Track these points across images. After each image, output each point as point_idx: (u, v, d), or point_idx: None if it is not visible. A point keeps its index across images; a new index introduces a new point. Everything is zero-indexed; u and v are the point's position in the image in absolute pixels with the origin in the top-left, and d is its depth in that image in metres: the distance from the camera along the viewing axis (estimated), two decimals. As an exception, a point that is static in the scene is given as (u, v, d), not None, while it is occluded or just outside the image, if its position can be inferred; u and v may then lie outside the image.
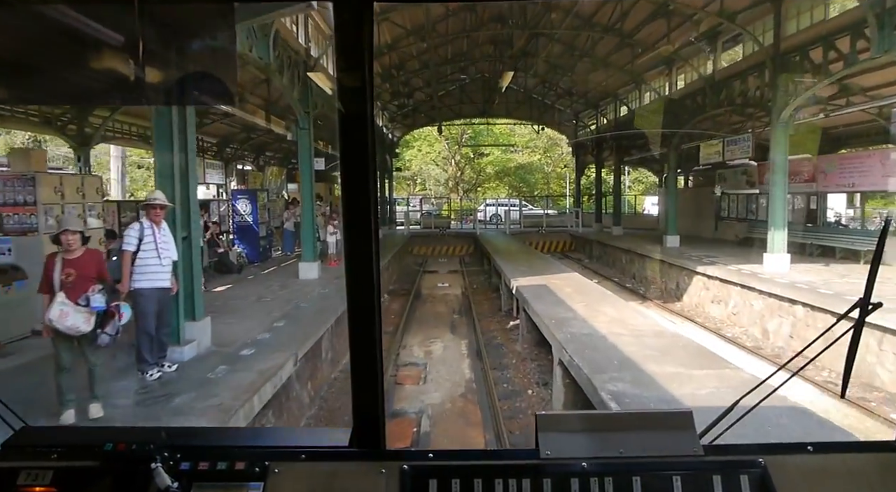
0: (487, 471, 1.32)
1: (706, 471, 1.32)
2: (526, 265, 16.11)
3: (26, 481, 1.29)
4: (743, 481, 1.31)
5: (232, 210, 16.90)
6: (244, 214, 16.79)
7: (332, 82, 13.85)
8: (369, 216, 1.25)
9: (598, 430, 1.42)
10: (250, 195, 16.93)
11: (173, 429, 1.49)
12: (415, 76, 25.11)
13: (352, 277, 1.30)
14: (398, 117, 31.10)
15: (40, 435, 1.46)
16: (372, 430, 1.39)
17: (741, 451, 1.37)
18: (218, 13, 1.18)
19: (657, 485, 1.30)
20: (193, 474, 1.31)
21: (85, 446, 1.37)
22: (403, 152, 43.34)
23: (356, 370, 1.36)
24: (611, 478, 1.30)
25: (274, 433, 2.89)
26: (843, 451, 1.38)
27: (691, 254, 17.69)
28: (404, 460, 1.35)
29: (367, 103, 1.17)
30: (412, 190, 48.85)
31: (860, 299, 1.33)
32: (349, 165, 1.21)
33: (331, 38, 15.31)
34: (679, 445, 1.36)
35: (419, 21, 18.69)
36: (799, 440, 1.38)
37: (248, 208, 16.78)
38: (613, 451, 1.35)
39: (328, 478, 1.33)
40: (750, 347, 11.49)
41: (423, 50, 21.30)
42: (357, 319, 1.33)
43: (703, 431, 1.41)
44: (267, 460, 1.34)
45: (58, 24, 1.14)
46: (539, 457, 1.34)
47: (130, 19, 1.09)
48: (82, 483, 1.30)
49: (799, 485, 1.31)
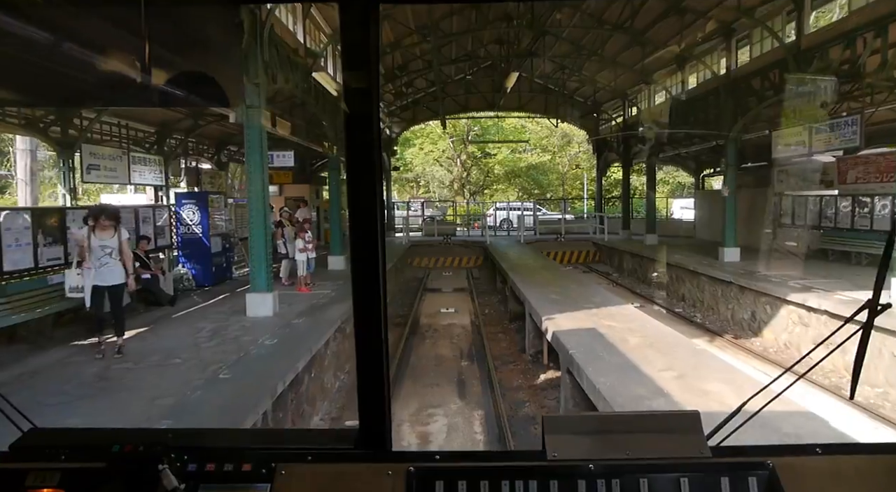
0: (494, 473, 1.31)
1: (714, 473, 1.30)
2: (556, 290, 12.30)
3: (34, 483, 1.28)
4: (751, 484, 1.29)
5: (176, 219, 13.17)
6: (191, 223, 13.08)
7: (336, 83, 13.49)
8: (375, 217, 1.26)
9: (604, 431, 1.40)
10: (199, 200, 13.20)
11: (180, 430, 1.53)
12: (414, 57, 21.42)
13: (358, 278, 1.31)
14: (396, 111, 27.35)
15: (48, 436, 1.47)
16: (378, 431, 1.39)
17: (749, 453, 1.34)
18: (224, 15, 0.88)
19: (665, 487, 1.29)
20: (200, 475, 1.31)
21: (92, 448, 1.37)
22: (403, 151, 39.59)
23: (362, 372, 1.36)
24: (618, 480, 1.28)
25: (280, 435, 2.63)
26: (853, 453, 1.37)
27: (764, 273, 13.83)
28: (410, 462, 1.34)
29: (374, 104, 1.20)
30: (415, 192, 45.06)
31: (869, 300, 1.32)
32: (355, 165, 1.25)
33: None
34: (686, 446, 1.34)
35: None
36: (808, 442, 1.38)
37: (197, 217, 13.07)
38: (620, 452, 1.33)
39: (334, 479, 1.32)
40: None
41: (424, 24, 17.77)
42: (363, 320, 1.33)
43: (710, 432, 1.39)
44: (273, 462, 1.33)
45: (54, 26, 1.19)
46: (546, 458, 1.33)
47: (135, 22, 1.07)
48: (90, 485, 1.29)
49: (808, 487, 1.29)
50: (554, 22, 17.84)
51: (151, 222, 12.25)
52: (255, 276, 9.69)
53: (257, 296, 9.65)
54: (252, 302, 9.64)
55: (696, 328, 13.24)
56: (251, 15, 8.92)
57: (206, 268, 13.17)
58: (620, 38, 19.16)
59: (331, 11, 15.52)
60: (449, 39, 20.04)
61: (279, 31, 12.03)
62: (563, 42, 21.16)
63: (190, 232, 13.11)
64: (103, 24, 1.10)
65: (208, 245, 13.13)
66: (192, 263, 13.10)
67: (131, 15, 1.04)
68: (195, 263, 13.12)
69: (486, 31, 20.18)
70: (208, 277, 13.13)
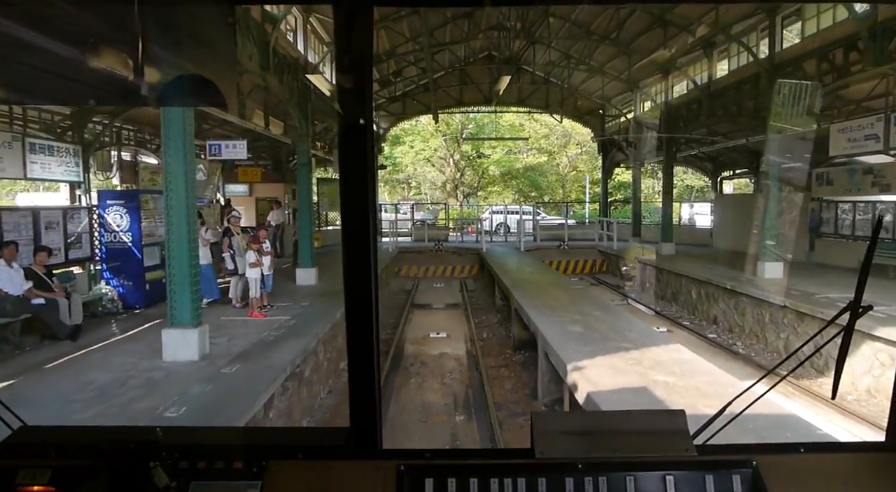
0: (483, 470, 1.32)
1: (699, 471, 1.32)
2: (574, 317, 9.81)
3: (24, 481, 1.28)
4: (735, 481, 1.31)
5: (99, 225, 10.52)
6: (118, 230, 10.44)
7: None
8: (367, 218, 1.28)
9: (592, 430, 1.41)
10: (129, 200, 10.56)
11: (172, 428, 1.50)
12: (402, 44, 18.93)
13: (350, 277, 1.31)
14: (384, 103, 24.79)
15: (38, 434, 1.47)
16: (369, 429, 1.39)
17: (733, 451, 1.37)
18: (217, 15, 1.18)
19: (651, 484, 1.30)
20: (192, 472, 1.30)
21: (83, 446, 1.35)
22: (392, 150, 36.99)
23: (353, 371, 1.37)
24: (605, 478, 1.30)
25: (272, 433, 2.82)
26: (834, 451, 1.42)
27: (825, 295, 11.37)
28: (401, 460, 1.35)
29: (367, 105, 1.21)
30: (406, 194, 42.44)
31: (850, 303, 1.35)
32: (348, 166, 1.25)
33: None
34: (672, 445, 1.36)
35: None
36: (791, 441, 1.44)
37: (126, 221, 10.43)
38: (608, 451, 1.35)
39: (325, 477, 1.32)
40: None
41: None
42: (355, 319, 1.33)
43: (696, 431, 1.41)
44: (265, 459, 1.33)
45: (55, 25, 1.13)
46: (534, 457, 1.34)
47: (130, 20, 1.09)
48: (81, 482, 1.29)
49: (790, 485, 1.31)
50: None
51: (61, 229, 9.60)
52: (175, 304, 7.07)
53: (176, 333, 7.04)
54: (170, 341, 7.03)
55: (741, 362, 10.77)
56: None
57: (138, 285, 10.52)
58: (637, 20, 16.78)
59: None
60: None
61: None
62: (570, 26, 18.82)
63: (117, 240, 10.46)
64: (95, 20, 1.09)
65: (140, 257, 10.49)
66: (119, 280, 10.45)
67: (124, 13, 1.05)
68: (124, 280, 10.47)
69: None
70: (140, 296, 10.49)
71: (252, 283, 9.71)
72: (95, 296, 9.99)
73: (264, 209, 20.50)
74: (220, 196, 17.95)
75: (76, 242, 9.98)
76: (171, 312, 7.08)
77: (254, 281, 9.71)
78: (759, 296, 12.04)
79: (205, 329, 7.30)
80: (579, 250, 23.34)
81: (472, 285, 19.97)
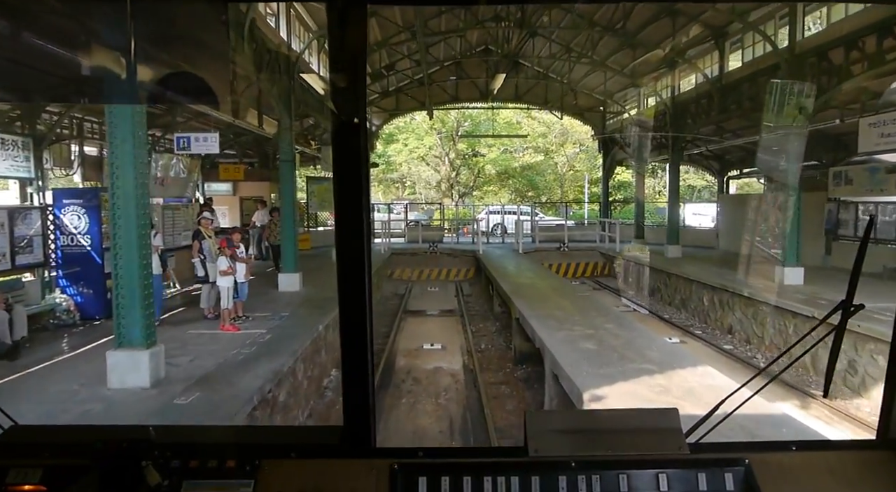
0: (477, 469, 1.30)
1: (692, 469, 1.31)
2: (584, 330, 8.80)
3: (16, 480, 1.25)
4: (728, 479, 1.30)
5: (54, 227, 9.42)
6: (76, 232, 9.36)
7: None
8: (361, 216, 1.25)
9: (585, 428, 1.40)
10: (88, 200, 9.47)
11: (164, 427, 1.48)
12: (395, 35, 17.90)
13: (344, 277, 1.29)
14: (376, 99, 23.73)
15: (30, 433, 1.44)
16: (362, 428, 1.37)
17: (726, 449, 1.36)
18: (210, 13, 1.16)
19: (644, 482, 1.29)
20: (184, 471, 1.28)
21: (75, 445, 1.33)
22: (385, 148, 35.93)
23: (347, 370, 1.34)
24: (598, 476, 1.28)
25: (264, 431, 2.64)
26: (826, 449, 1.41)
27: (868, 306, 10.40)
28: (394, 458, 1.32)
29: (361, 104, 1.19)
30: (400, 193, 41.33)
31: (842, 301, 1.38)
32: (342, 165, 1.23)
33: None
34: (665, 443, 1.34)
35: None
36: (783, 439, 1.41)
37: (84, 223, 9.36)
38: (601, 449, 1.33)
39: (319, 476, 1.30)
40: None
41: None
42: (348, 319, 1.31)
43: (689, 430, 1.39)
44: (257, 458, 1.31)
45: (46, 22, 1.11)
46: (528, 455, 1.32)
47: (121, 18, 1.07)
48: (72, 481, 1.26)
49: (782, 482, 1.30)
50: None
51: (7, 231, 8.50)
52: (123, 322, 6.03)
53: (124, 355, 5.97)
54: (116, 365, 5.97)
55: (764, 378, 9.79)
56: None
57: (98, 293, 9.44)
58: (644, 9, 15.80)
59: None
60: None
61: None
62: (573, 16, 17.86)
63: (75, 244, 9.38)
64: (87, 18, 1.09)
65: (100, 262, 9.42)
66: (76, 288, 9.38)
67: (116, 10, 1.04)
68: (82, 288, 9.41)
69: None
70: (100, 306, 9.41)
71: (224, 292, 8.65)
72: (48, 306, 8.92)
73: (249, 209, 19.41)
74: (199, 195, 16.82)
75: (26, 247, 8.88)
76: (117, 330, 6.03)
77: (226, 290, 8.65)
78: (782, 305, 11.06)
79: (159, 350, 6.24)
80: (580, 252, 22.38)
81: (468, 289, 18.95)
